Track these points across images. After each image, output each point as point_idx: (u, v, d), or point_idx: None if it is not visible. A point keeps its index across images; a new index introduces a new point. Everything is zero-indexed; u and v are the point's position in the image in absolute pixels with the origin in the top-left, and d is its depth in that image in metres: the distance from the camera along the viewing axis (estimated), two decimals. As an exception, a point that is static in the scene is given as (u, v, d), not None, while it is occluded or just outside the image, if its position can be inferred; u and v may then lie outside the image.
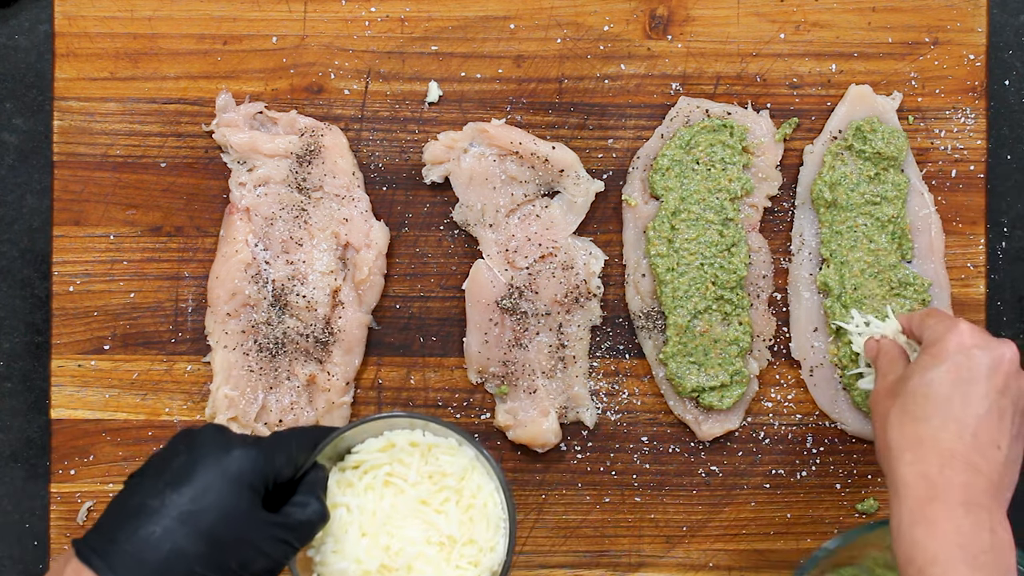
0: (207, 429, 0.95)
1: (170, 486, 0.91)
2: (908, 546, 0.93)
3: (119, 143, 1.23)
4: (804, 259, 1.23)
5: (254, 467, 0.94)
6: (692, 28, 1.23)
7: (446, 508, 1.01)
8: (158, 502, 0.91)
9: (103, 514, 0.93)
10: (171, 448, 0.95)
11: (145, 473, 0.94)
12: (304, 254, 1.21)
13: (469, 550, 1.01)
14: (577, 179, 1.22)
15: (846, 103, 1.22)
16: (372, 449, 1.02)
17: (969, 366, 0.97)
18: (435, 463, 1.02)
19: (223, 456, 0.93)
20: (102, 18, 1.23)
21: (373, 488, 1.01)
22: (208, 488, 0.92)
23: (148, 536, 0.89)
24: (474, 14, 1.23)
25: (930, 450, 0.95)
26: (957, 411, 0.96)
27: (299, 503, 0.97)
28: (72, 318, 1.22)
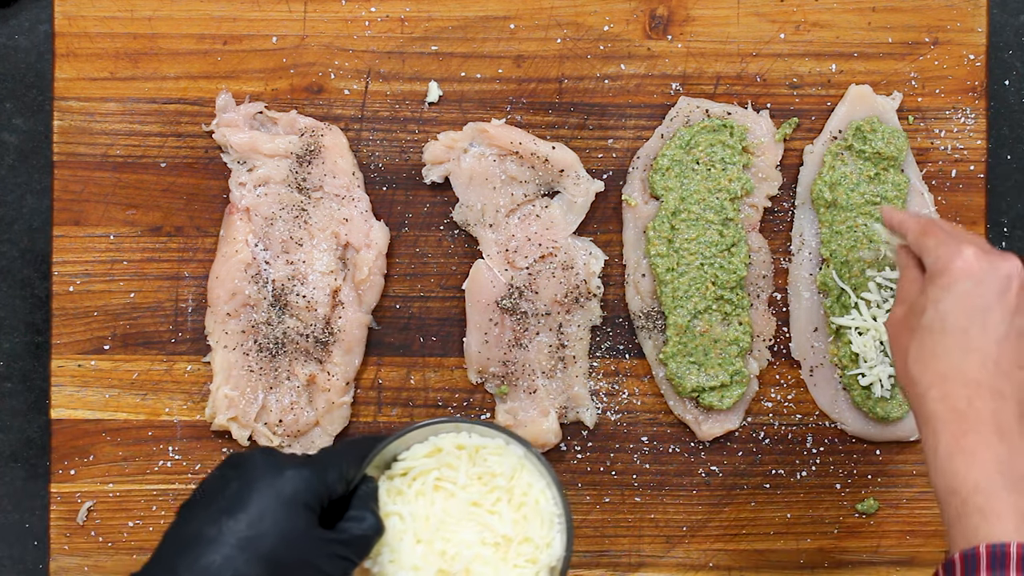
0: (257, 454, 0.95)
1: (226, 513, 0.91)
2: (948, 477, 0.92)
3: (119, 143, 1.23)
4: (804, 259, 1.23)
5: (308, 487, 0.93)
6: (692, 28, 1.23)
7: (498, 508, 1.01)
8: (215, 530, 0.90)
9: (159, 546, 0.92)
10: (222, 475, 0.95)
11: (198, 502, 0.93)
12: (304, 254, 1.21)
13: (526, 548, 1.01)
14: (577, 179, 1.22)
15: (846, 103, 1.22)
16: (419, 455, 1.02)
17: (980, 293, 0.96)
18: (483, 464, 1.02)
19: (276, 479, 0.93)
20: (102, 18, 1.23)
21: (423, 494, 1.01)
22: (265, 512, 0.91)
23: (209, 565, 0.89)
24: (474, 14, 1.23)
25: (955, 383, 0.94)
26: (976, 341, 0.95)
27: (354, 518, 0.96)
28: (72, 318, 1.23)
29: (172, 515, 1.22)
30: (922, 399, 0.96)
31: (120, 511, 1.23)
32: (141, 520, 1.22)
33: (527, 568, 1.00)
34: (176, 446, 1.23)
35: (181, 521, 0.93)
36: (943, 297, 0.96)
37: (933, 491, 0.95)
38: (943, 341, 0.96)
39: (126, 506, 1.23)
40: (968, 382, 0.94)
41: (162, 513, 1.22)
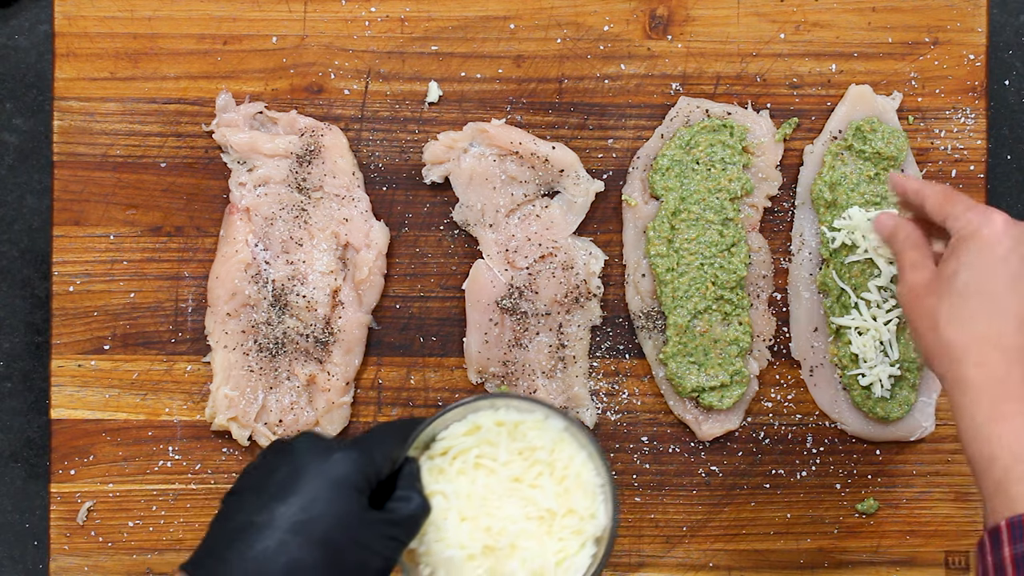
0: (302, 438, 0.95)
1: (275, 499, 0.91)
2: (989, 444, 0.91)
3: (119, 143, 1.23)
4: (804, 259, 1.23)
5: (357, 469, 0.93)
6: (692, 28, 1.23)
7: (540, 482, 1.00)
8: (266, 516, 0.90)
9: (206, 536, 0.92)
10: (267, 462, 0.94)
11: (245, 490, 0.93)
12: (304, 254, 1.21)
13: (570, 520, 1.00)
14: (577, 179, 1.22)
15: (846, 103, 1.22)
16: (458, 434, 1.01)
17: (1015, 258, 0.95)
18: (523, 439, 1.01)
19: (325, 462, 0.92)
20: (102, 18, 1.23)
21: (465, 472, 1.00)
22: (316, 496, 0.91)
23: (263, 551, 0.88)
24: (474, 14, 1.23)
25: (993, 348, 0.94)
26: (1014, 306, 0.94)
27: (402, 498, 0.96)
28: (72, 318, 1.23)
29: (172, 515, 1.22)
30: (959, 364, 0.95)
31: (120, 511, 1.23)
32: (141, 520, 1.22)
33: (572, 540, 1.00)
34: (176, 446, 1.23)
35: (228, 511, 0.92)
36: (976, 261, 0.96)
37: (967, 458, 0.94)
38: (980, 305, 0.95)
39: (126, 506, 1.23)
40: (1007, 348, 0.94)
41: (162, 513, 1.22)
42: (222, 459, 1.23)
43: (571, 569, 1.00)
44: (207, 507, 1.23)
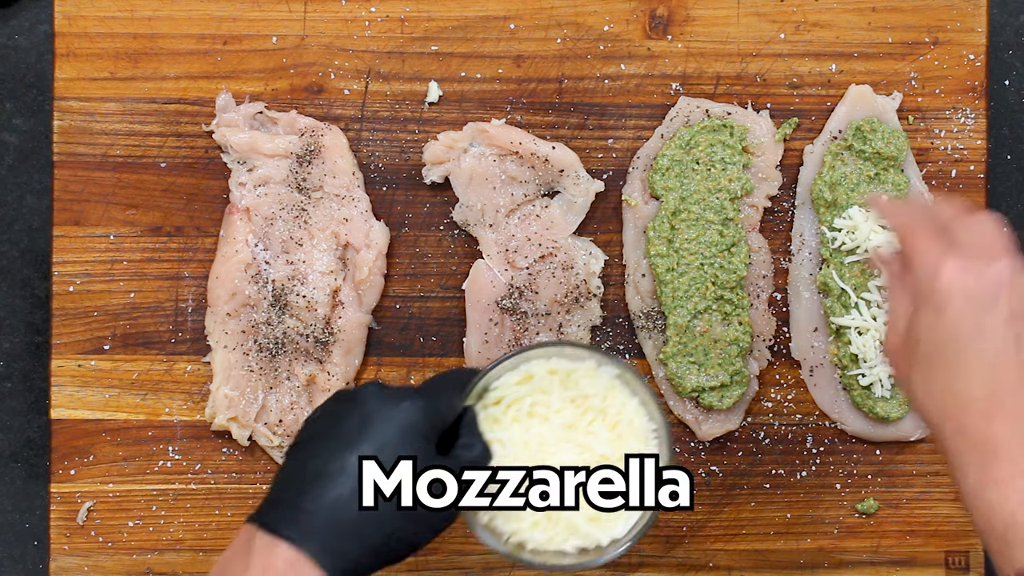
0: (368, 388, 0.95)
1: (346, 447, 0.91)
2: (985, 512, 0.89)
3: (119, 143, 1.23)
4: (804, 259, 1.23)
5: (424, 417, 0.94)
6: (692, 28, 1.23)
7: (593, 429, 1.01)
8: (338, 464, 0.91)
9: (274, 487, 0.93)
10: (334, 411, 0.95)
11: (312, 439, 0.94)
12: (304, 254, 1.21)
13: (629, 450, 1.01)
14: (577, 179, 1.22)
15: (846, 103, 1.22)
16: (511, 383, 1.02)
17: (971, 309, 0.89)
18: (575, 387, 1.02)
19: (394, 411, 0.93)
20: (102, 18, 1.23)
21: (519, 420, 1.01)
22: (386, 444, 0.92)
23: (337, 499, 0.90)
24: (474, 14, 1.23)
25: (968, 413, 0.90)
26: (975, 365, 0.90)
27: (465, 445, 0.97)
28: (72, 318, 1.23)
29: (172, 515, 1.22)
30: (939, 433, 0.92)
31: (120, 511, 1.23)
32: (141, 520, 1.22)
33: None
34: (176, 446, 1.23)
35: (297, 460, 0.93)
36: (935, 324, 0.91)
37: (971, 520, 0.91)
38: (945, 371, 0.91)
39: (126, 506, 1.23)
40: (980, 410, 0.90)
41: (162, 513, 1.22)
42: (222, 459, 1.23)
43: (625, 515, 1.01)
44: (207, 507, 1.23)
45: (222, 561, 0.92)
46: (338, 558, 0.89)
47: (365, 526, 0.90)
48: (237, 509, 1.23)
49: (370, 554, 0.90)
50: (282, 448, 1.22)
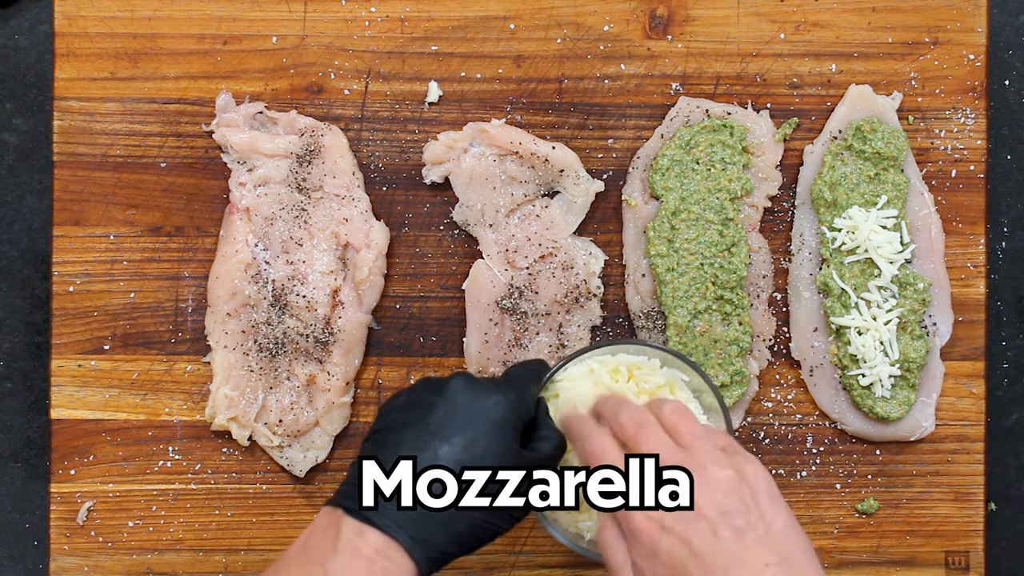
0: (456, 379, 0.96)
1: (436, 437, 0.93)
2: None
3: (119, 143, 1.23)
4: (804, 259, 1.23)
5: (513, 410, 0.95)
6: (692, 28, 1.23)
7: None
8: (430, 454, 0.92)
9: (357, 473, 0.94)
10: (421, 401, 0.96)
11: (400, 426, 0.95)
12: (304, 254, 1.21)
13: None
14: (577, 179, 1.22)
15: (846, 103, 1.22)
16: (574, 376, 1.04)
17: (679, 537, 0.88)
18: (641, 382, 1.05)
19: (484, 403, 0.95)
20: (102, 18, 1.23)
21: None
22: (479, 435, 0.93)
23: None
24: (474, 14, 1.23)
25: None
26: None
27: (545, 437, 0.99)
28: (72, 318, 1.23)
29: (172, 515, 1.22)
30: None
31: (120, 511, 1.23)
32: (141, 520, 1.22)
33: None
34: (176, 446, 1.23)
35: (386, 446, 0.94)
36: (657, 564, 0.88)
37: None
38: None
39: (126, 506, 1.23)
40: None
41: (162, 513, 1.22)
42: (222, 459, 1.23)
43: None
44: (207, 507, 1.23)
45: (302, 542, 0.93)
46: (426, 547, 0.91)
47: (454, 516, 0.92)
48: (237, 509, 1.23)
49: (455, 543, 0.92)
50: (282, 448, 1.22)
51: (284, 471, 1.23)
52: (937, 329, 1.22)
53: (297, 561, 0.91)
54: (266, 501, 1.23)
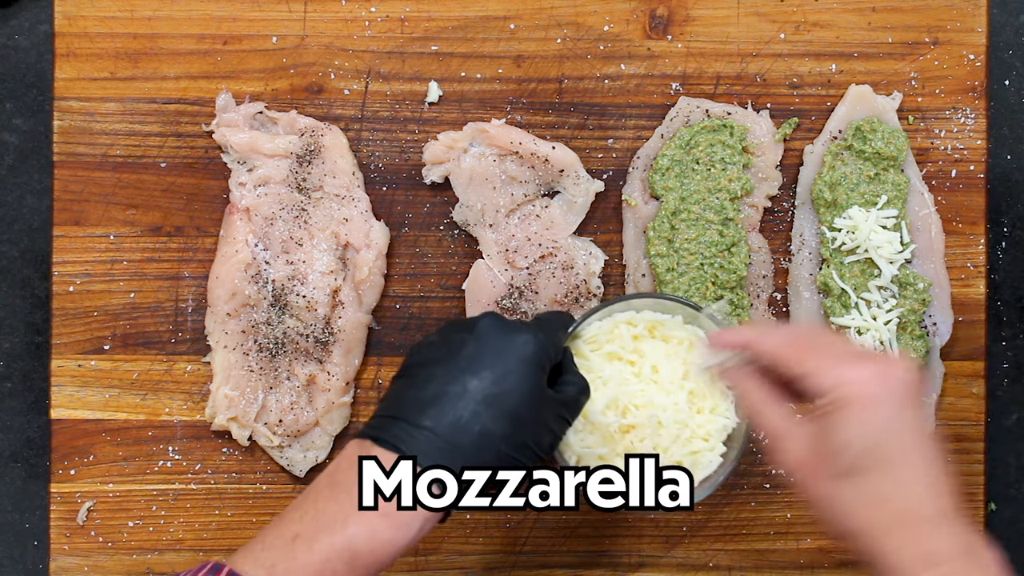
0: (487, 319, 0.98)
1: (467, 372, 0.94)
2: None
3: (119, 143, 1.23)
4: (804, 259, 1.23)
5: (542, 349, 0.96)
6: (692, 28, 1.23)
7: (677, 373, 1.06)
8: (459, 388, 0.93)
9: (388, 405, 0.95)
10: (452, 339, 0.97)
11: (430, 363, 0.96)
12: (304, 254, 1.21)
13: (703, 419, 1.07)
14: (577, 179, 1.22)
15: (846, 103, 1.22)
16: (602, 329, 1.08)
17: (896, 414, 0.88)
18: (663, 335, 1.08)
19: (514, 341, 0.96)
20: (102, 18, 1.23)
21: (610, 362, 1.07)
22: (508, 372, 0.94)
23: (457, 420, 0.92)
24: (474, 14, 1.23)
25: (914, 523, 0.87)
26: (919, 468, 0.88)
27: (570, 381, 1.01)
28: (72, 318, 1.23)
29: (172, 515, 1.22)
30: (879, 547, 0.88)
31: (120, 511, 1.23)
32: (141, 520, 1.22)
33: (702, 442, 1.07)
34: (176, 446, 1.23)
35: (415, 381, 0.95)
36: (862, 431, 0.88)
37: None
38: (883, 482, 0.88)
39: (126, 506, 1.23)
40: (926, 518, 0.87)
41: (162, 513, 1.22)
42: (222, 459, 1.23)
43: (704, 464, 1.07)
44: (207, 507, 1.23)
45: (330, 471, 0.94)
46: None
47: (481, 448, 0.93)
48: (237, 509, 1.23)
49: None
50: (282, 448, 1.22)
51: (284, 471, 1.23)
52: (937, 329, 1.22)
53: (325, 489, 0.93)
54: (266, 501, 1.23)
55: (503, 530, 1.23)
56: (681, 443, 1.06)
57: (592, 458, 1.05)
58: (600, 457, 1.05)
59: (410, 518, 0.91)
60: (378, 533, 0.90)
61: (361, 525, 0.90)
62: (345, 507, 0.91)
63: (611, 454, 1.06)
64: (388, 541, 0.90)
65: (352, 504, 0.91)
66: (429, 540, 1.23)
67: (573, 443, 1.06)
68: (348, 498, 0.91)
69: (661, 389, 1.06)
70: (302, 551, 0.90)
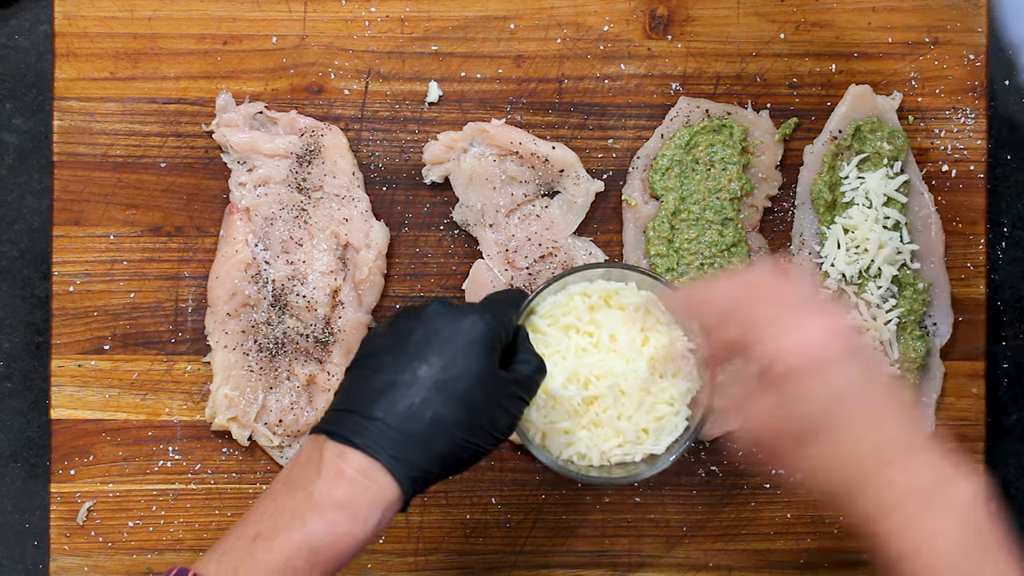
0: (433, 304, 0.98)
1: (416, 359, 0.94)
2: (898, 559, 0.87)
3: (119, 143, 1.23)
4: (804, 259, 1.23)
5: (490, 329, 0.96)
6: (692, 28, 1.23)
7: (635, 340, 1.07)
8: (409, 375, 0.93)
9: (341, 398, 0.95)
10: (400, 327, 0.97)
11: (379, 352, 0.96)
12: (304, 254, 1.21)
13: (666, 383, 1.07)
14: (577, 179, 1.22)
15: (846, 103, 1.22)
16: (556, 303, 1.08)
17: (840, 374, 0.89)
18: (619, 303, 1.08)
19: (461, 324, 0.95)
20: (102, 18, 1.23)
21: (567, 335, 1.07)
22: (456, 355, 0.94)
23: (408, 408, 0.92)
24: (474, 14, 1.23)
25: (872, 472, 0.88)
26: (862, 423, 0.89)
27: (523, 360, 1.00)
28: (72, 318, 1.23)
29: (172, 515, 1.22)
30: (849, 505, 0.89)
31: (120, 511, 1.23)
32: (141, 520, 1.22)
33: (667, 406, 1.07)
34: (176, 446, 1.23)
35: (364, 372, 0.95)
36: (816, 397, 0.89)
37: None
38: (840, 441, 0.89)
39: (126, 506, 1.23)
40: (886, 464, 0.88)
41: (162, 513, 1.22)
42: (222, 459, 1.23)
43: (668, 430, 1.07)
44: (207, 507, 1.23)
45: (288, 469, 0.94)
46: (407, 466, 0.91)
47: (434, 435, 0.92)
48: (237, 509, 1.23)
49: (437, 462, 0.93)
50: (282, 448, 1.22)
51: (284, 471, 1.23)
52: (937, 329, 1.22)
53: (282, 488, 0.93)
54: (266, 501, 1.23)
55: (503, 530, 1.23)
56: (645, 409, 1.06)
57: (556, 432, 1.06)
58: (565, 431, 1.06)
59: (368, 510, 0.90)
60: (336, 527, 0.89)
61: (318, 521, 0.89)
62: (302, 504, 0.90)
63: (575, 427, 1.06)
64: (347, 534, 0.90)
65: (309, 500, 0.90)
66: (429, 540, 1.23)
67: (536, 419, 1.06)
68: (305, 495, 0.90)
69: (620, 357, 1.06)
70: (262, 551, 0.89)
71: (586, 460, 1.07)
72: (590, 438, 1.06)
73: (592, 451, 1.07)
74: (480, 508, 1.23)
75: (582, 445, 1.07)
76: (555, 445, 1.07)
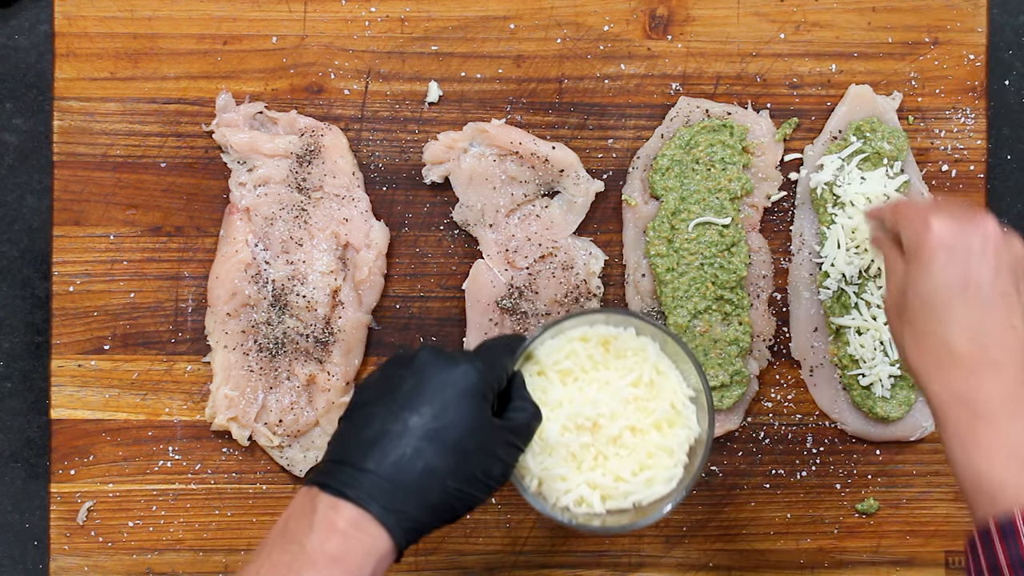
0: (423, 352, 0.97)
1: (407, 409, 0.94)
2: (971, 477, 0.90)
3: (119, 143, 1.23)
4: (804, 259, 1.23)
5: (481, 378, 0.96)
6: (692, 28, 1.23)
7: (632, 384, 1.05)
8: (400, 426, 0.93)
9: (333, 450, 0.95)
10: (390, 375, 0.97)
11: (370, 403, 0.95)
12: (304, 254, 1.21)
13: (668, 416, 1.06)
14: (577, 179, 1.22)
15: (846, 103, 1.22)
16: (554, 348, 1.06)
17: (957, 262, 0.93)
18: (617, 350, 1.07)
19: (452, 373, 0.95)
20: (102, 18, 1.23)
21: (564, 383, 1.05)
22: (447, 405, 0.94)
23: (399, 459, 0.92)
24: (474, 14, 1.23)
25: (951, 366, 0.92)
26: (962, 316, 0.92)
27: (518, 407, 1.00)
28: (72, 318, 1.23)
29: (172, 515, 1.22)
30: (926, 390, 0.94)
31: (120, 511, 1.23)
32: (141, 520, 1.22)
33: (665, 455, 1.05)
34: (176, 446, 1.23)
35: (356, 423, 0.95)
36: (921, 277, 0.95)
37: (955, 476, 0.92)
38: (930, 324, 0.94)
39: (126, 506, 1.23)
40: (963, 363, 0.92)
41: (162, 513, 1.22)
42: (222, 459, 1.23)
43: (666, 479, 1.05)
44: (207, 507, 1.23)
45: (282, 521, 0.94)
46: (400, 516, 0.91)
47: (426, 485, 0.92)
48: (237, 509, 1.23)
49: (429, 513, 0.93)
50: (282, 448, 1.22)
51: (284, 471, 1.23)
52: (937, 329, 1.22)
53: (278, 541, 0.92)
54: (266, 501, 1.23)
55: (503, 530, 1.24)
56: (643, 457, 1.05)
57: (553, 479, 1.04)
58: (561, 478, 1.04)
59: (361, 562, 0.90)
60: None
61: (313, 575, 0.89)
62: (297, 558, 0.90)
63: (572, 473, 1.04)
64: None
65: (303, 555, 0.90)
66: (429, 540, 1.23)
67: (532, 466, 1.04)
68: (299, 548, 0.90)
69: (619, 404, 1.04)
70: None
71: (583, 506, 1.05)
72: (588, 485, 1.04)
73: (592, 497, 1.05)
74: (480, 508, 1.23)
75: (580, 492, 1.05)
76: (552, 491, 1.05)
